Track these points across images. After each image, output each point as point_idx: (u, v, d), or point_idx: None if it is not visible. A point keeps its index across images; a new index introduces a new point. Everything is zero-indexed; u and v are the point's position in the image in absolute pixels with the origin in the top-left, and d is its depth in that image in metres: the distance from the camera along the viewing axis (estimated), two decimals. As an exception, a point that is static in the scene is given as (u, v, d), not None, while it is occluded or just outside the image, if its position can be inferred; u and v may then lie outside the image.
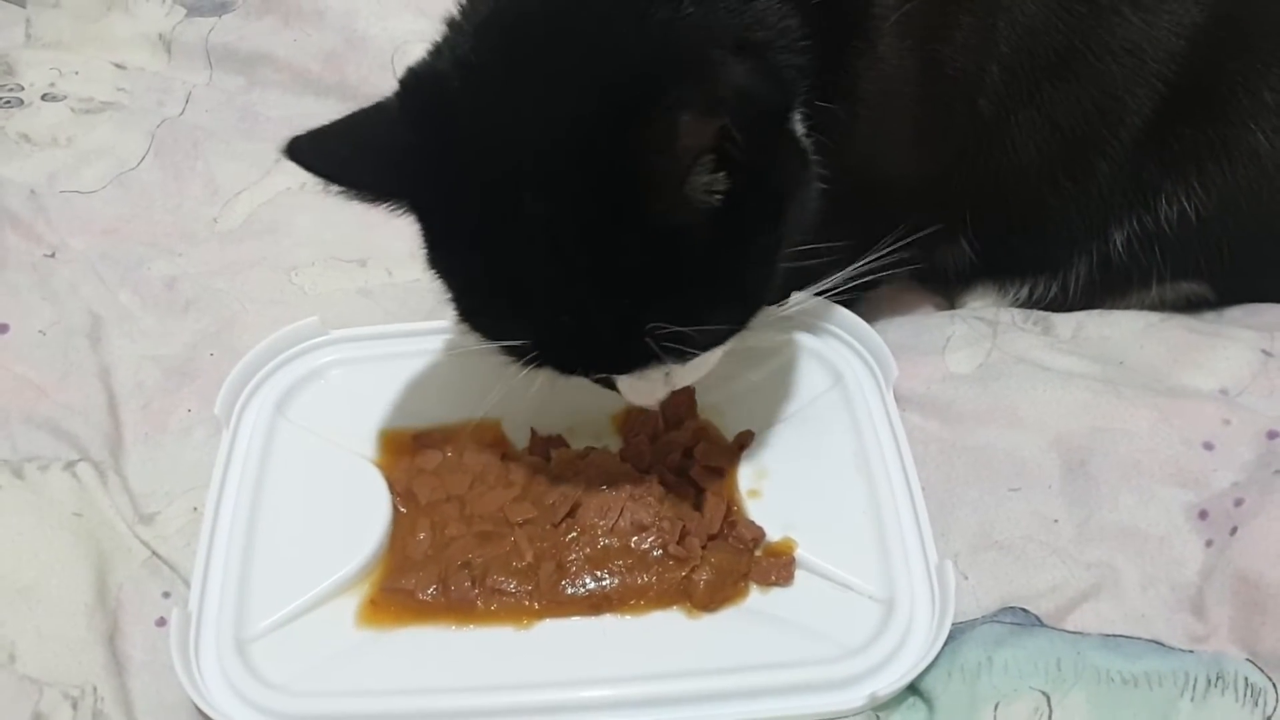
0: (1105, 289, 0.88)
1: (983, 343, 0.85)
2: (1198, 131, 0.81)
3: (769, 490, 0.76)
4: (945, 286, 0.94)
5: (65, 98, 1.09)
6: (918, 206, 0.80)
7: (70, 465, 0.78)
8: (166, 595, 0.73)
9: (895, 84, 0.76)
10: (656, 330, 0.61)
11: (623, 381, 0.67)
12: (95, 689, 0.67)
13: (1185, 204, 0.82)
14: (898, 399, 0.81)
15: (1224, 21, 0.79)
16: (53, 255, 0.94)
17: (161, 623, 0.71)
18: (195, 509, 0.76)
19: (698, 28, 0.62)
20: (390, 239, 0.96)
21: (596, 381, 0.68)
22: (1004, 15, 0.78)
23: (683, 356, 0.64)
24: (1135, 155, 0.82)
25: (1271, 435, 0.75)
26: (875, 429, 0.79)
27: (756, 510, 0.75)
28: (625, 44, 0.61)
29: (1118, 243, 0.85)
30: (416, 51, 1.06)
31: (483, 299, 0.65)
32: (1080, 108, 0.81)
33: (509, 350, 0.65)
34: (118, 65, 1.12)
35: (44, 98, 1.08)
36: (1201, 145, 0.81)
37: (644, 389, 0.68)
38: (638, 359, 0.64)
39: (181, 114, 1.08)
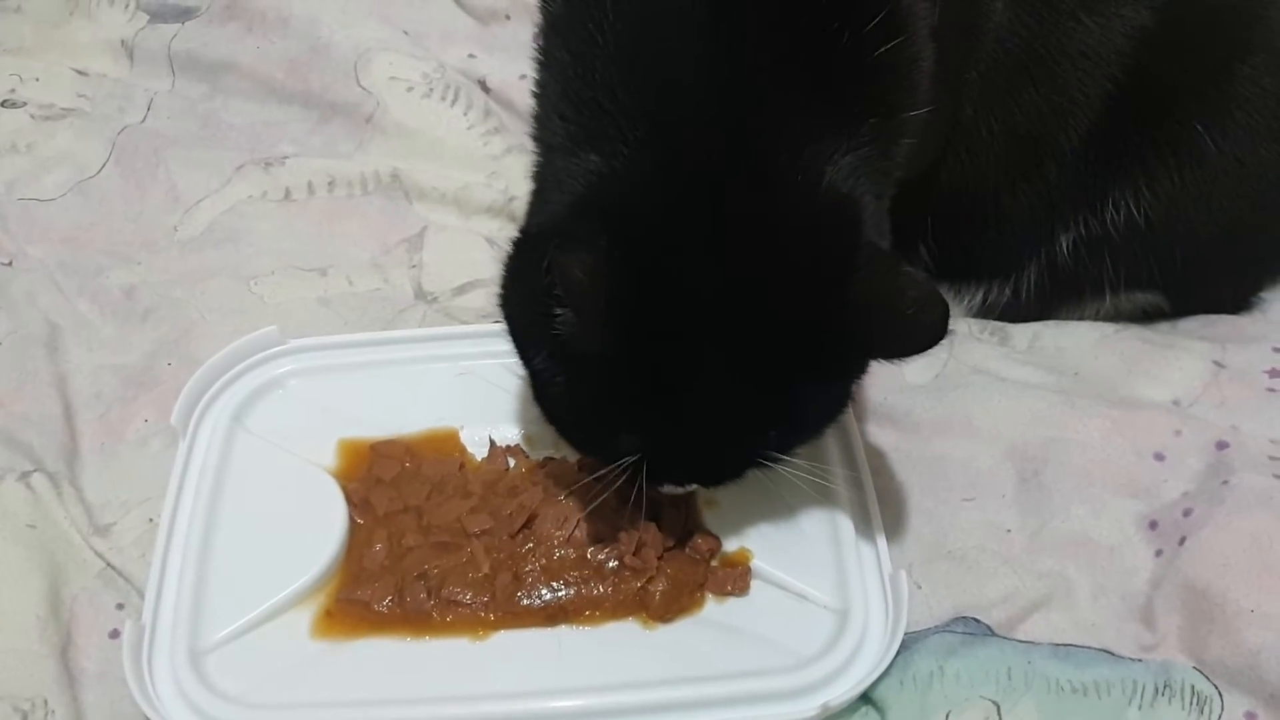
0: (1057, 295, 0.89)
1: (939, 353, 0.85)
2: (1145, 134, 0.82)
3: (726, 499, 0.76)
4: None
5: (25, 104, 1.08)
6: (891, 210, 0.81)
7: (25, 476, 0.77)
8: (120, 607, 0.72)
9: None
10: (768, 454, 0.67)
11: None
12: (46, 701, 0.67)
13: (1133, 208, 0.83)
14: (855, 409, 0.82)
15: (1172, 25, 0.80)
16: (10, 264, 0.93)
17: (115, 634, 0.71)
18: (151, 520, 0.76)
19: (861, 188, 0.65)
20: (350, 247, 0.97)
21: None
22: (984, 21, 0.79)
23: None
24: (1083, 158, 0.83)
25: (1221, 446, 0.76)
26: (832, 439, 0.79)
27: (713, 520, 0.75)
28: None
29: (1065, 246, 0.86)
30: (379, 59, 1.09)
31: (619, 408, 0.65)
32: (1036, 111, 0.82)
33: (606, 455, 0.67)
34: (79, 71, 1.12)
35: (4, 104, 1.08)
36: (1148, 147, 0.82)
37: None
38: (739, 473, 0.69)
39: (143, 121, 1.07)
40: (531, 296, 0.63)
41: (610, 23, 0.66)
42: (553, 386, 0.67)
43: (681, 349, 0.62)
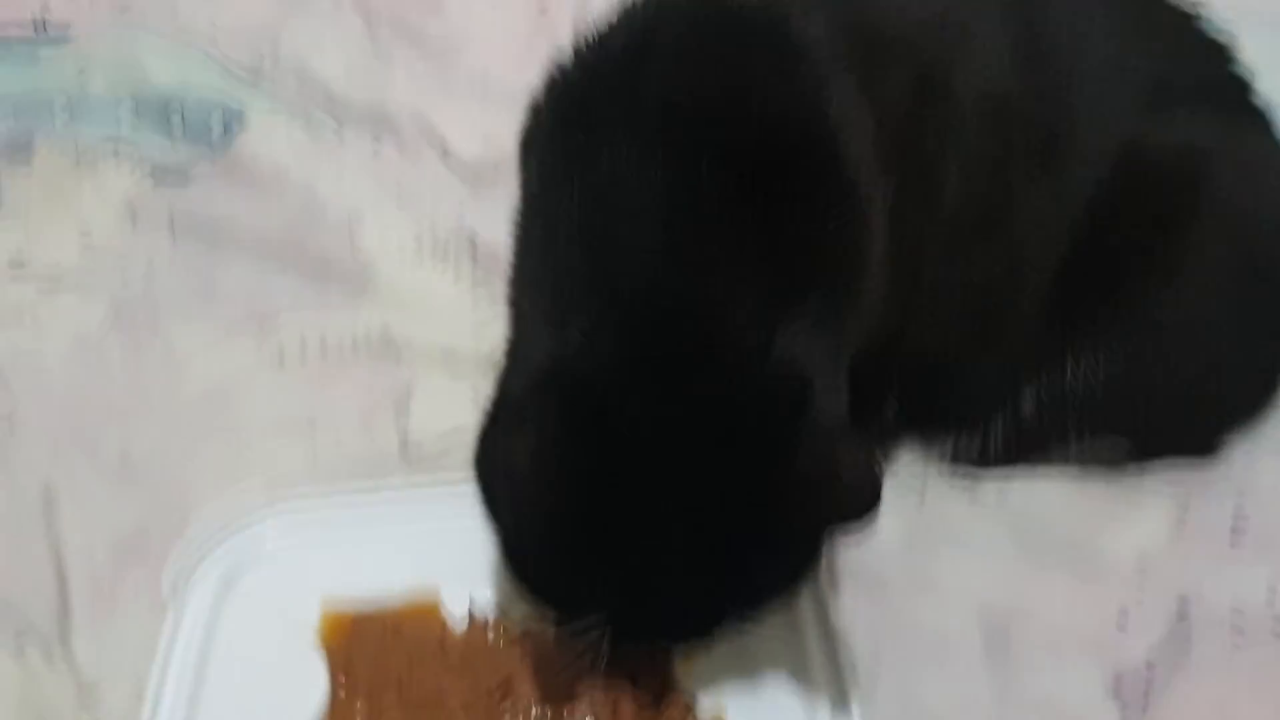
0: (1024, 445, 0.91)
1: (909, 511, 0.88)
2: (1098, 294, 0.85)
3: (701, 659, 0.78)
4: (874, 442, 0.97)
5: (31, 266, 1.12)
6: (857, 371, 0.84)
7: (18, 647, 0.79)
8: (107, 780, 0.74)
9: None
10: (734, 616, 0.68)
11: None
12: None
13: (1092, 363, 0.86)
14: (828, 565, 0.84)
15: (1119, 191, 0.84)
16: (10, 428, 0.96)
17: (101, 808, 0.72)
18: (139, 691, 0.77)
19: (809, 361, 0.68)
20: (339, 406, 1.00)
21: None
22: (939, 192, 0.83)
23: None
24: (1041, 318, 0.86)
25: (1182, 607, 0.78)
26: (806, 597, 0.81)
27: (689, 679, 0.77)
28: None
29: (1028, 401, 0.88)
30: (372, 220, 1.13)
31: (579, 574, 0.67)
32: (993, 275, 0.85)
33: (572, 617, 0.68)
34: (84, 234, 1.16)
35: (10, 265, 1.12)
36: (1102, 308, 0.85)
37: None
38: (705, 633, 0.70)
39: (143, 282, 1.11)
40: (495, 464, 0.66)
41: (576, 203, 0.70)
42: (518, 551, 0.69)
43: (637, 518, 0.64)
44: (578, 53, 0.78)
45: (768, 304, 0.67)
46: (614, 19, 0.80)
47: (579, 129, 0.73)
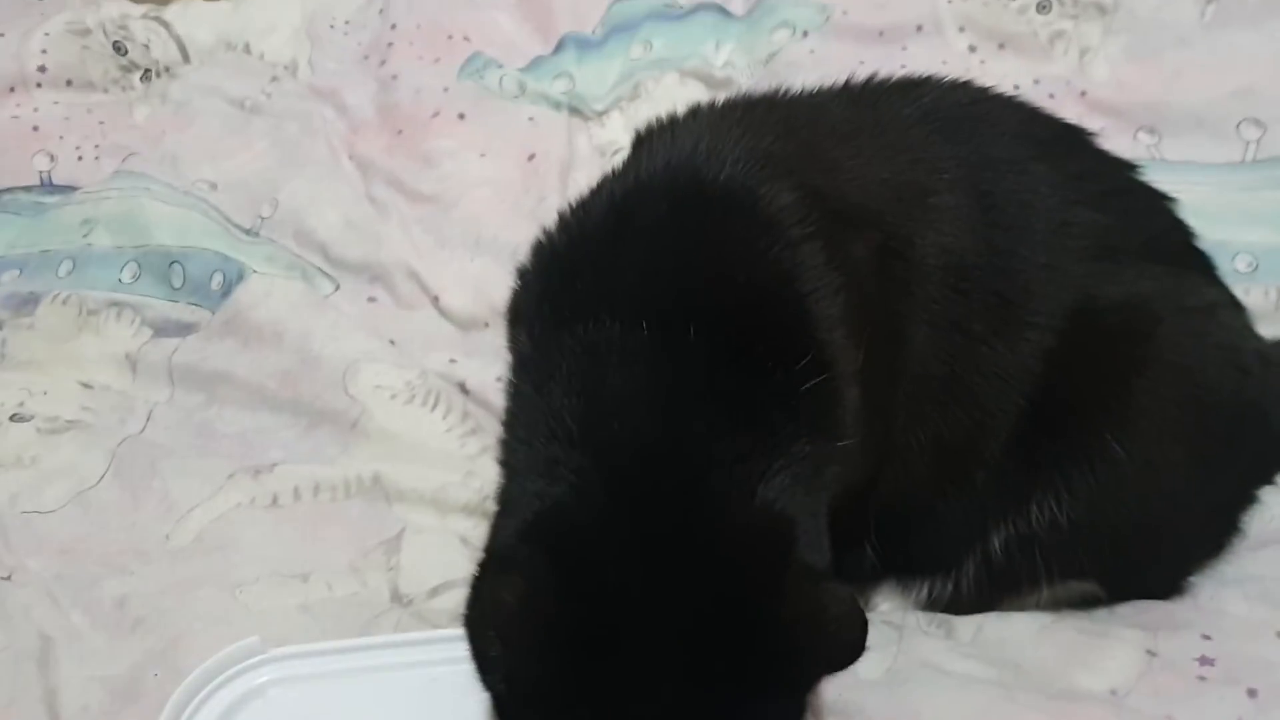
0: (996, 588, 0.94)
1: (890, 647, 0.91)
2: (1058, 442, 0.89)
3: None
4: (852, 587, 1.00)
5: (33, 418, 1.16)
6: (836, 516, 0.88)
7: (10, 797, 0.80)
8: None
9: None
10: None
11: None
12: None
13: (1055, 509, 0.89)
14: (811, 705, 0.85)
15: (1074, 346, 0.89)
16: (9, 577, 0.98)
17: None
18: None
19: (791, 507, 0.71)
20: (331, 551, 1.02)
21: None
22: (907, 350, 0.87)
23: None
24: (1005, 466, 0.90)
25: (1155, 737, 0.80)
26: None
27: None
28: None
29: (997, 545, 0.91)
30: (366, 369, 1.18)
31: None
32: (959, 425, 0.90)
33: None
34: (85, 384, 1.20)
35: (12, 418, 1.15)
36: (1063, 455, 0.89)
37: None
38: None
39: (142, 431, 1.15)
40: (484, 618, 0.68)
41: (566, 363, 0.75)
42: (509, 709, 0.70)
43: (625, 669, 0.65)
44: (563, 220, 0.84)
45: (748, 458, 0.71)
46: (596, 188, 0.86)
47: (565, 297, 0.78)
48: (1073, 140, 0.99)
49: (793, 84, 0.98)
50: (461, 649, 0.83)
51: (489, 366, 1.18)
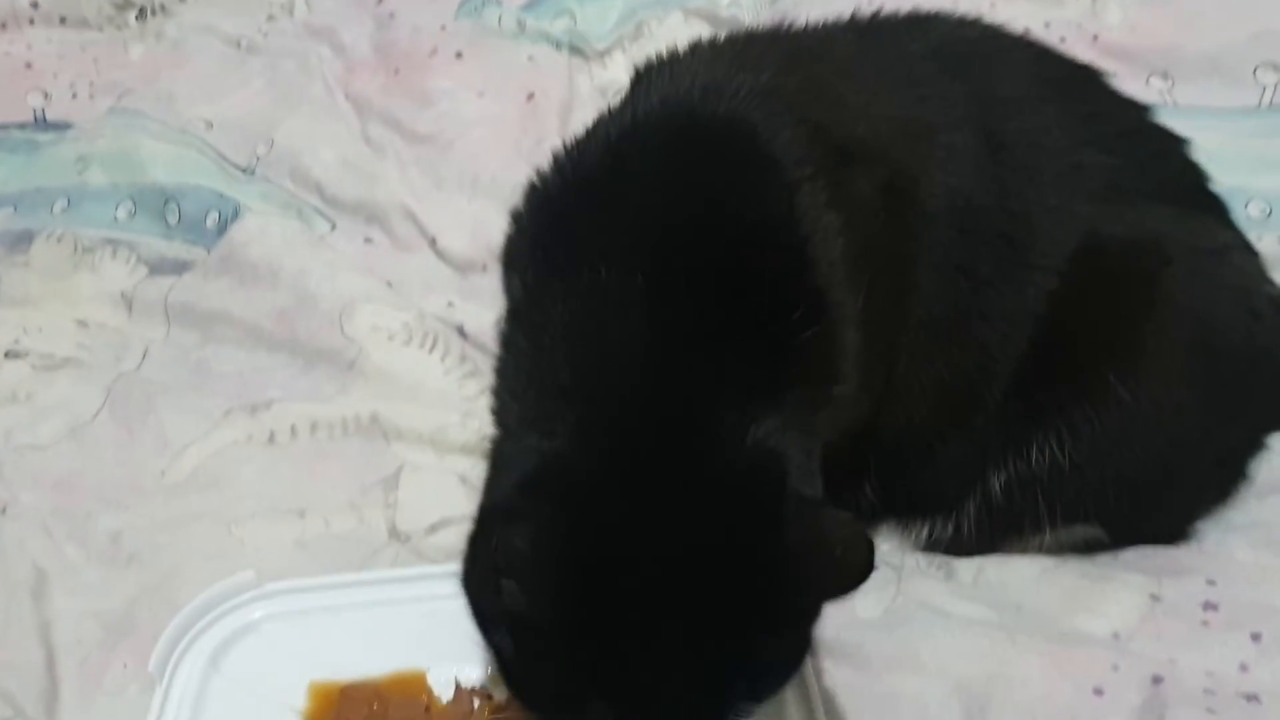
0: (997, 530, 0.93)
1: (889, 587, 0.90)
2: (1062, 385, 0.88)
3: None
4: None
5: (28, 354, 1.15)
6: (835, 456, 0.87)
7: (3, 726, 0.80)
8: None
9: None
10: (741, 706, 0.67)
11: None
12: None
13: (1056, 451, 0.88)
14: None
15: (1079, 287, 0.87)
16: (4, 511, 0.98)
17: None
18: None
19: (782, 446, 0.70)
20: (329, 489, 1.02)
21: None
22: (912, 293, 0.86)
23: None
24: (1007, 408, 0.89)
25: (1156, 680, 0.79)
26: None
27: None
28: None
29: (997, 486, 0.90)
30: (362, 309, 1.16)
31: (575, 684, 0.66)
32: (961, 367, 0.88)
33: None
34: (80, 322, 1.19)
35: (7, 355, 1.14)
36: (1066, 397, 0.88)
37: None
38: None
39: (138, 369, 1.14)
40: (484, 574, 0.67)
41: (559, 312, 0.74)
42: (515, 663, 0.69)
43: (633, 613, 0.65)
44: (557, 162, 0.82)
45: (745, 398, 0.70)
46: (592, 128, 0.84)
47: (558, 243, 0.77)
48: (1084, 80, 0.96)
49: (798, 20, 0.96)
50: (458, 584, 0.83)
51: (487, 309, 1.16)
